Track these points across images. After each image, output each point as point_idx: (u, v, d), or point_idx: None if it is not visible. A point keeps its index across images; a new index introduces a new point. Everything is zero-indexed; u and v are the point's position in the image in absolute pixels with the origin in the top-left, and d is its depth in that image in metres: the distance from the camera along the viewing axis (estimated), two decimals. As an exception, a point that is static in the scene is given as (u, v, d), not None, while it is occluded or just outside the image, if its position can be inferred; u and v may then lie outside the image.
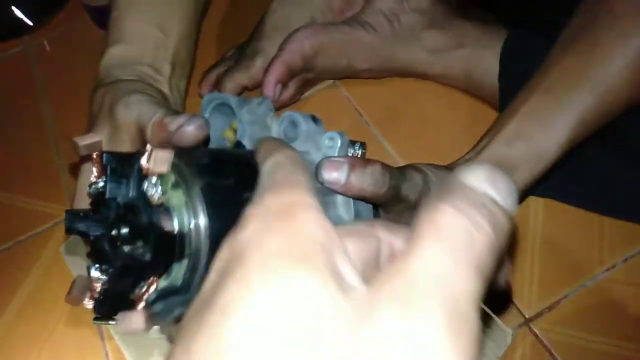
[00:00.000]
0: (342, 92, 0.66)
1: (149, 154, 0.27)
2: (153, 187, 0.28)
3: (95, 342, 0.52)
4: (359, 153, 0.60)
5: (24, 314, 0.55)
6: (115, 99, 0.42)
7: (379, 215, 0.40)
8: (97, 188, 0.29)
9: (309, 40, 0.59)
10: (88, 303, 0.28)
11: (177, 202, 0.28)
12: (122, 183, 0.29)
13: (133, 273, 0.28)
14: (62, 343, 0.52)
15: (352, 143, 0.60)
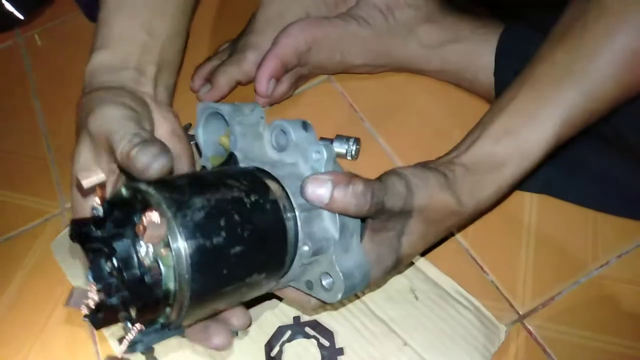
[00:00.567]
0: (336, 87, 0.66)
1: (142, 222, 0.29)
2: (145, 250, 0.30)
3: (86, 337, 0.52)
4: (354, 148, 0.60)
5: (14, 310, 0.54)
6: (90, 111, 0.41)
7: (365, 225, 0.41)
8: (97, 214, 0.32)
9: (303, 35, 0.59)
10: (83, 309, 0.31)
11: (166, 261, 0.31)
12: (119, 231, 0.31)
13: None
14: (52, 339, 0.52)
15: (346, 139, 0.60)
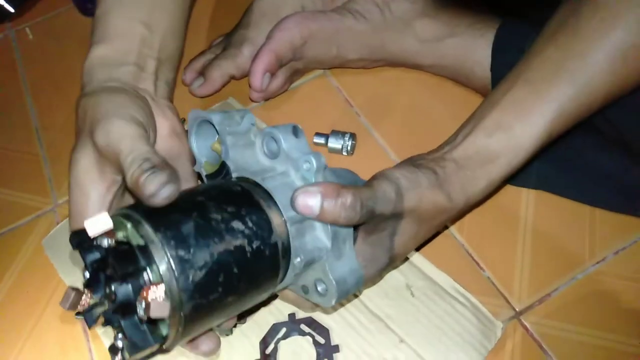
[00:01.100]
0: (332, 82, 0.65)
1: (147, 296, 0.31)
2: (143, 307, 0.32)
3: (78, 335, 0.51)
4: (349, 144, 0.59)
5: (7, 307, 0.53)
6: (96, 121, 0.40)
7: (358, 227, 0.41)
8: (100, 252, 0.33)
9: (298, 29, 0.58)
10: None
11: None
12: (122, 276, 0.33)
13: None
14: (44, 336, 0.51)
15: (342, 134, 0.60)
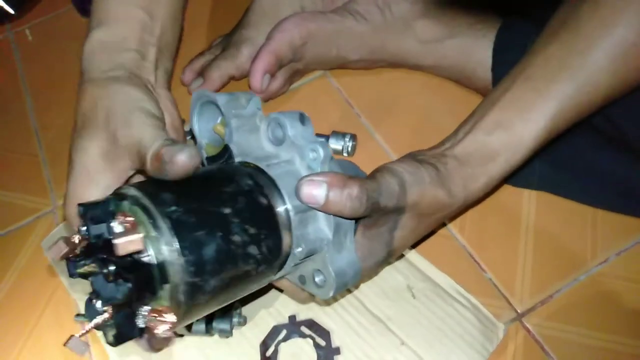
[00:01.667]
0: (332, 82, 0.65)
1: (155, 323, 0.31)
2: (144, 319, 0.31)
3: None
4: (350, 145, 0.59)
5: (6, 308, 0.53)
6: (113, 113, 0.40)
7: (358, 220, 0.41)
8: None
9: (298, 29, 0.58)
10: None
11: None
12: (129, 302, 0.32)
13: None
14: (44, 336, 0.51)
15: (342, 135, 0.59)
